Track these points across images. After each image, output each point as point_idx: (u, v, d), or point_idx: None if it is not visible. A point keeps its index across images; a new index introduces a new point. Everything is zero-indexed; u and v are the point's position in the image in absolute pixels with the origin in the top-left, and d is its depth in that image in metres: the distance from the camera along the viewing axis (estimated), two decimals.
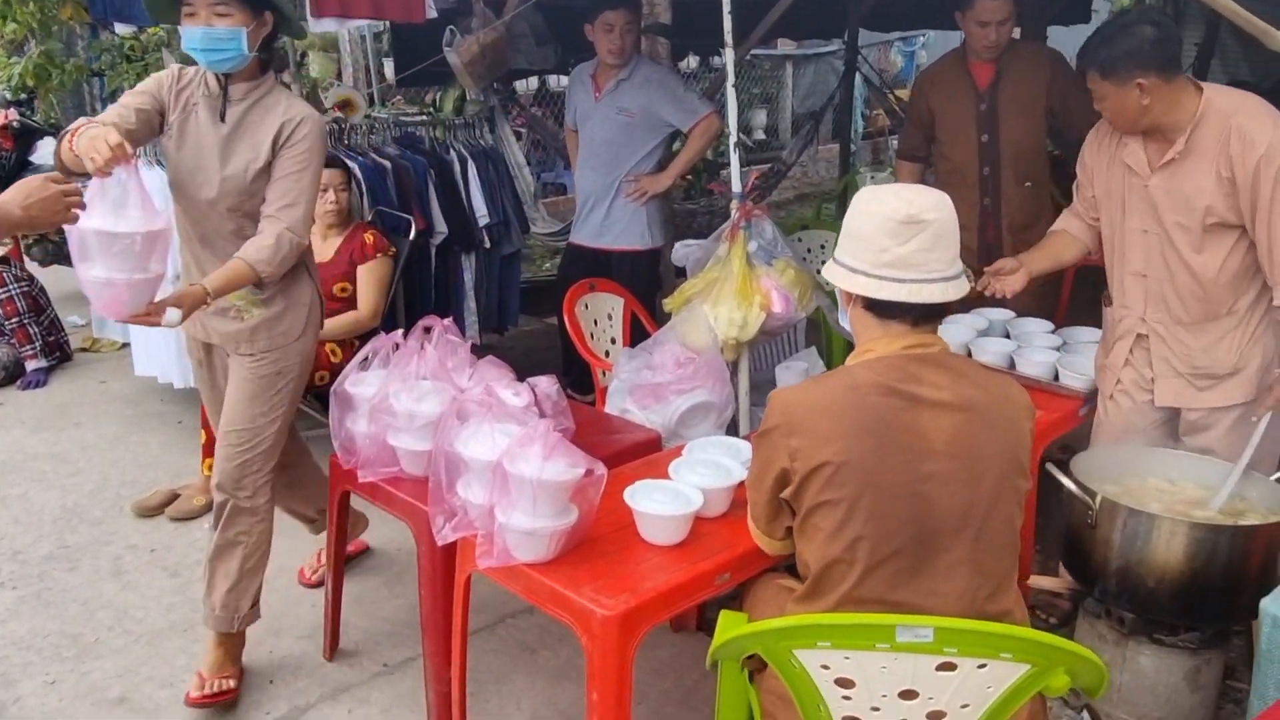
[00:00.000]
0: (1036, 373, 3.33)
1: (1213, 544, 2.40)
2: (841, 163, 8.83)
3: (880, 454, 1.67)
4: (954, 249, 1.76)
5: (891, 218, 1.71)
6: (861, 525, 1.68)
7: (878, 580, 1.69)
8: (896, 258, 1.71)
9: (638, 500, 2.20)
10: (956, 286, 1.75)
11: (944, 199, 1.75)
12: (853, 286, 1.77)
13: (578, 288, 3.85)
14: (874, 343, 1.78)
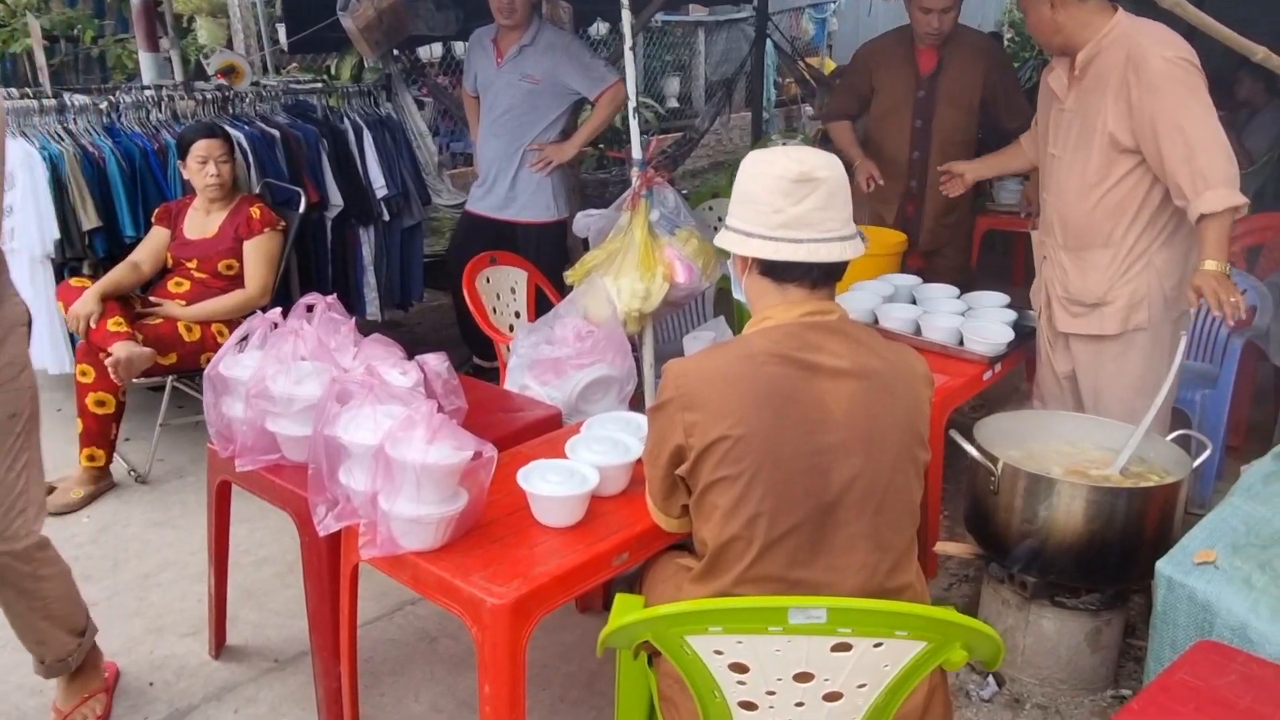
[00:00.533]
0: (941, 338, 3.32)
1: (1111, 506, 2.41)
2: (754, 130, 8.79)
3: (778, 426, 1.61)
4: (848, 208, 1.70)
5: (783, 177, 1.64)
6: (759, 501, 1.62)
7: (776, 558, 1.63)
8: (791, 218, 1.64)
9: (531, 482, 2.10)
10: (854, 246, 1.69)
11: (834, 159, 1.69)
12: (748, 250, 1.70)
13: (478, 261, 3.71)
14: (771, 310, 1.71)
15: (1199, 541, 2.05)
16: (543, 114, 4.24)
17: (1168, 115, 2.57)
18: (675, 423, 1.68)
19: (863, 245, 1.72)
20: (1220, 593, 1.91)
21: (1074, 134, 2.82)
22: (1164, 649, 2.01)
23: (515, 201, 4.30)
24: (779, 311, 1.70)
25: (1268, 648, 1.83)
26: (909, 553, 1.74)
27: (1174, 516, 2.50)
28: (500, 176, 4.27)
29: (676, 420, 1.67)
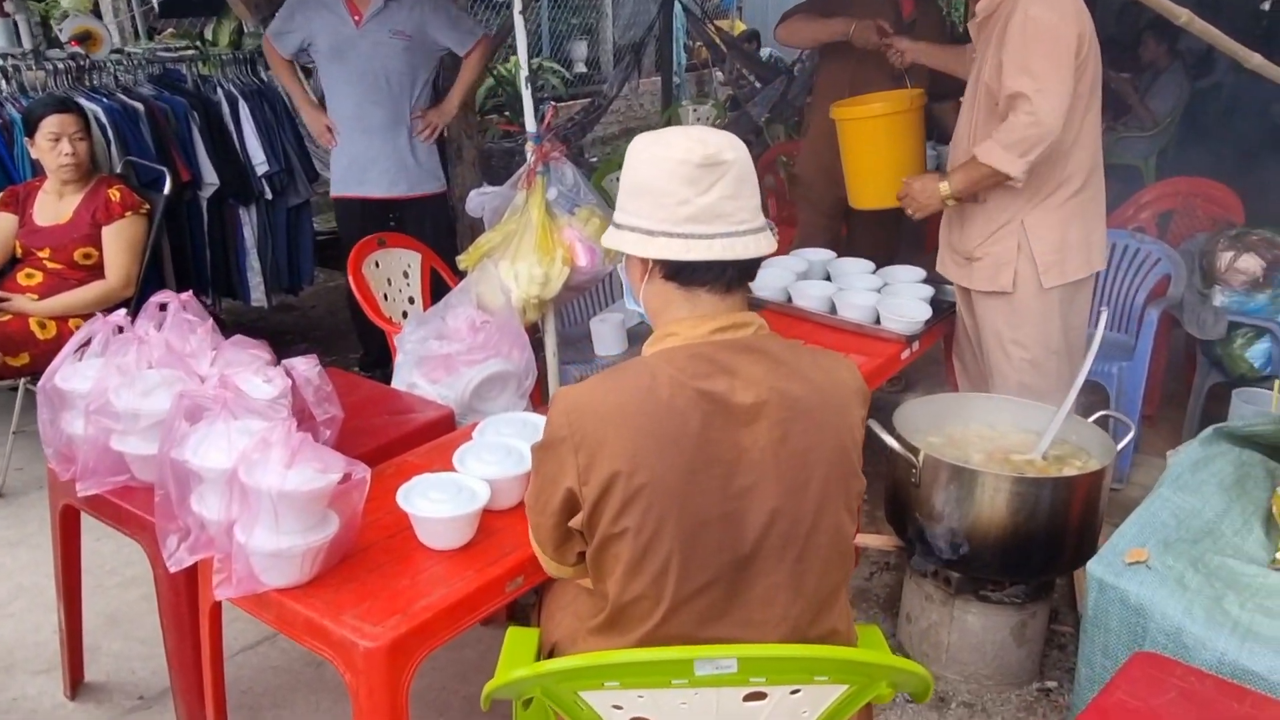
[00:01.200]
0: (857, 317, 3.18)
1: (1035, 497, 2.29)
2: (664, 95, 8.57)
3: (688, 470, 1.38)
4: (757, 195, 1.49)
5: (686, 161, 1.41)
6: (666, 557, 1.40)
7: (685, 617, 1.42)
8: (700, 209, 1.41)
9: (413, 501, 1.89)
10: (768, 239, 1.48)
11: (737, 139, 1.47)
12: (651, 251, 1.45)
13: (365, 244, 3.43)
14: (678, 325, 1.47)
15: (1129, 539, 1.94)
16: (418, 74, 3.90)
17: (1017, 56, 2.55)
18: (567, 466, 1.43)
19: (774, 239, 1.51)
20: (1153, 595, 1.80)
21: (969, 83, 2.85)
22: (1095, 654, 1.90)
23: (408, 175, 3.99)
24: (686, 326, 1.46)
25: (1204, 653, 1.73)
26: (835, 595, 1.54)
27: (1098, 503, 2.40)
28: (385, 150, 3.92)
29: (569, 463, 1.43)
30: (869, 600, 2.93)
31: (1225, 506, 2.02)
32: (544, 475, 1.50)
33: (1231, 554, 1.94)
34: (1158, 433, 3.90)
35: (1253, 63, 2.29)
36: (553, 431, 1.45)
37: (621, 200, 1.51)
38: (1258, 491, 2.10)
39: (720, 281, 1.45)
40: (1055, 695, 2.52)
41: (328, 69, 3.84)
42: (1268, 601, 1.82)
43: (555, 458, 1.45)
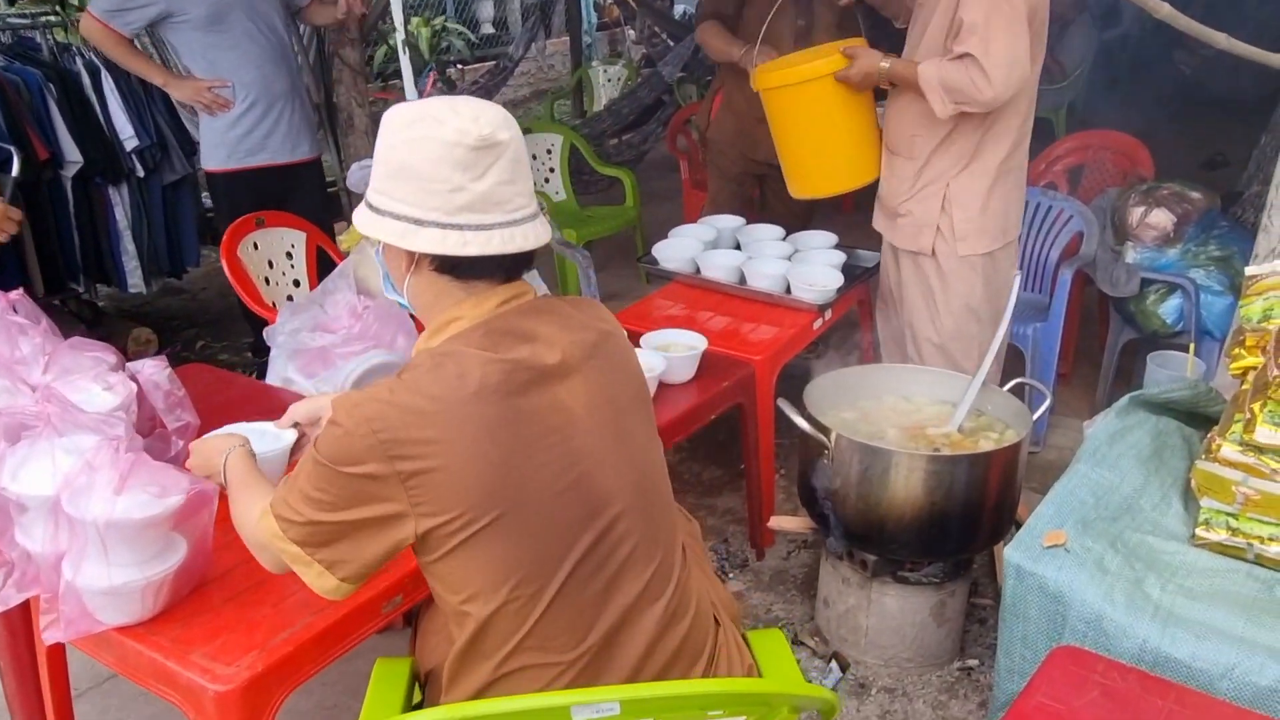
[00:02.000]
0: (766, 286, 3.05)
1: (951, 476, 2.19)
2: (573, 55, 8.33)
3: (526, 451, 1.28)
4: (530, 177, 1.36)
5: (459, 143, 1.25)
6: (517, 560, 1.29)
7: (555, 621, 1.32)
8: (476, 197, 1.27)
9: None
10: (543, 226, 1.36)
11: (507, 115, 1.32)
12: (421, 243, 1.29)
13: (241, 225, 3.17)
14: (456, 308, 1.35)
15: (1046, 519, 1.85)
16: (286, 23, 3.63)
17: (970, 28, 2.43)
18: (382, 480, 1.24)
19: (548, 226, 1.38)
20: (1072, 580, 1.71)
21: (914, 31, 2.72)
22: (1014, 643, 1.81)
23: (302, 139, 3.70)
24: (468, 308, 1.34)
25: (1125, 641, 1.64)
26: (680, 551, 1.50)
27: (1015, 477, 2.32)
28: (287, 112, 3.61)
29: (384, 476, 1.24)
30: (786, 582, 2.82)
31: (1144, 480, 1.94)
32: (338, 490, 1.27)
33: (1151, 530, 1.86)
34: (1073, 391, 3.87)
35: (1162, 13, 2.19)
36: (352, 443, 1.24)
37: (379, 182, 1.32)
38: (1175, 461, 2.03)
39: (499, 273, 1.35)
40: (977, 674, 2.45)
41: (205, 39, 3.42)
42: (1188, 581, 1.74)
43: (360, 479, 1.25)
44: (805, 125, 2.92)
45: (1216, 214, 3.45)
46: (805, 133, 2.94)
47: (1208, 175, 6.68)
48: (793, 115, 2.93)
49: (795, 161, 3.05)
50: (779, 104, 2.93)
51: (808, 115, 2.90)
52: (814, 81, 2.81)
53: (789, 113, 2.93)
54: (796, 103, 2.88)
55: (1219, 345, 3.30)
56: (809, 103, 2.86)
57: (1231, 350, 1.99)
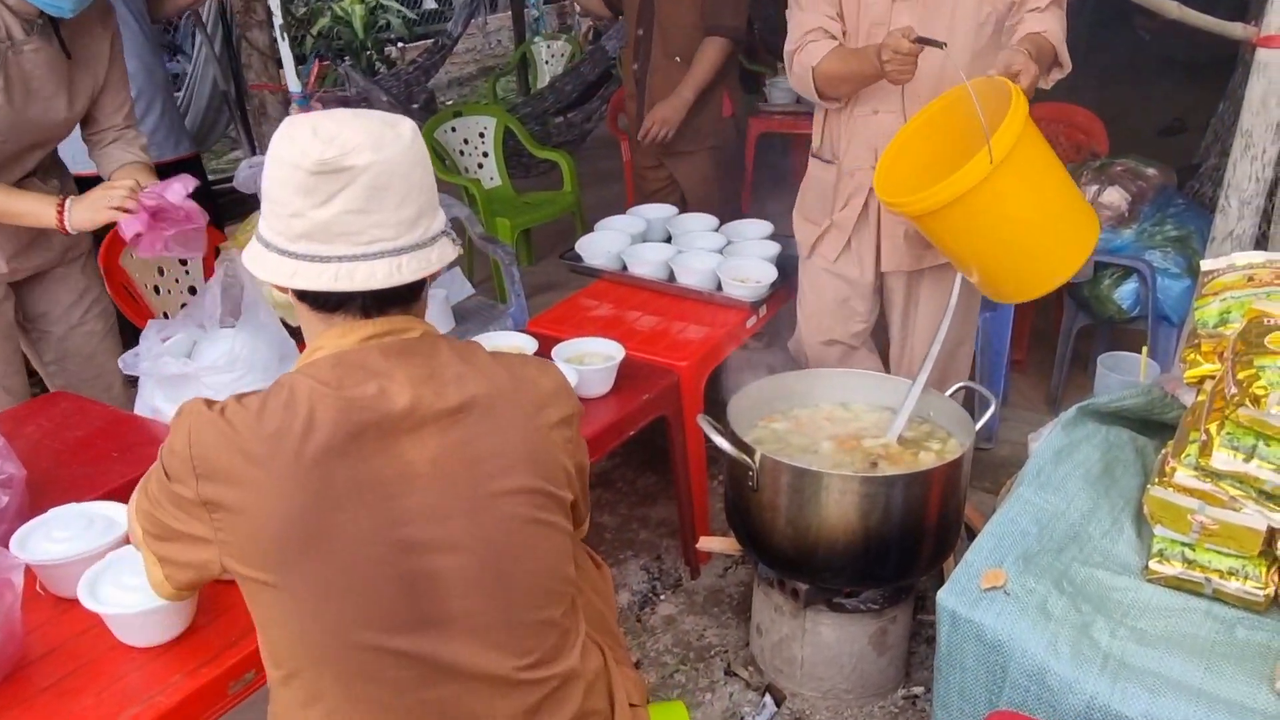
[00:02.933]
0: (696, 283, 2.84)
1: (887, 498, 2.00)
2: (516, 31, 8.03)
3: (337, 501, 1.14)
4: (414, 203, 1.19)
5: (300, 165, 1.14)
6: (316, 616, 1.17)
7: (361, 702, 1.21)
8: (314, 225, 1.15)
9: (100, 591, 1.48)
10: (420, 259, 1.20)
11: (398, 132, 1.18)
12: (265, 271, 1.20)
13: None
14: (320, 338, 1.24)
15: (985, 554, 1.66)
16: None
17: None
18: (188, 482, 1.16)
19: (445, 253, 1.23)
20: (1013, 629, 1.52)
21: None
22: (951, 696, 1.63)
23: (182, 134, 3.43)
24: (330, 339, 1.22)
25: (1071, 698, 1.46)
26: (567, 635, 1.32)
27: (958, 493, 2.14)
28: (167, 105, 3.35)
29: (189, 483, 1.16)
30: (721, 603, 2.63)
31: (1092, 504, 1.76)
32: (167, 494, 1.20)
33: (1100, 562, 1.68)
34: (1028, 379, 3.70)
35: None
36: (173, 461, 1.18)
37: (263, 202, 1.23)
38: (1127, 479, 1.84)
39: (354, 308, 1.20)
40: (923, 702, 2.28)
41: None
42: (1141, 622, 1.56)
43: (174, 494, 1.18)
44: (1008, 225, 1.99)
45: (1173, 191, 3.28)
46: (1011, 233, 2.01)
47: (1166, 141, 6.54)
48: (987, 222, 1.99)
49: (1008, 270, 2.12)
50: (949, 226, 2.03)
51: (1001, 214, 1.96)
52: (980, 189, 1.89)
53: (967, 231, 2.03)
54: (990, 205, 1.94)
55: (1176, 331, 3.13)
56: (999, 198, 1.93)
57: (1186, 355, 1.80)
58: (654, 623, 2.57)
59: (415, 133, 1.19)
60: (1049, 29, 2.17)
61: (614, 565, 2.80)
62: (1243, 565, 1.57)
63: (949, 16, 2.25)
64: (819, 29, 2.32)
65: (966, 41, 2.26)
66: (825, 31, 2.32)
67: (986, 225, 1.97)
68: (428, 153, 1.22)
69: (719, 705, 2.29)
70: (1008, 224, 1.97)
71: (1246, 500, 1.52)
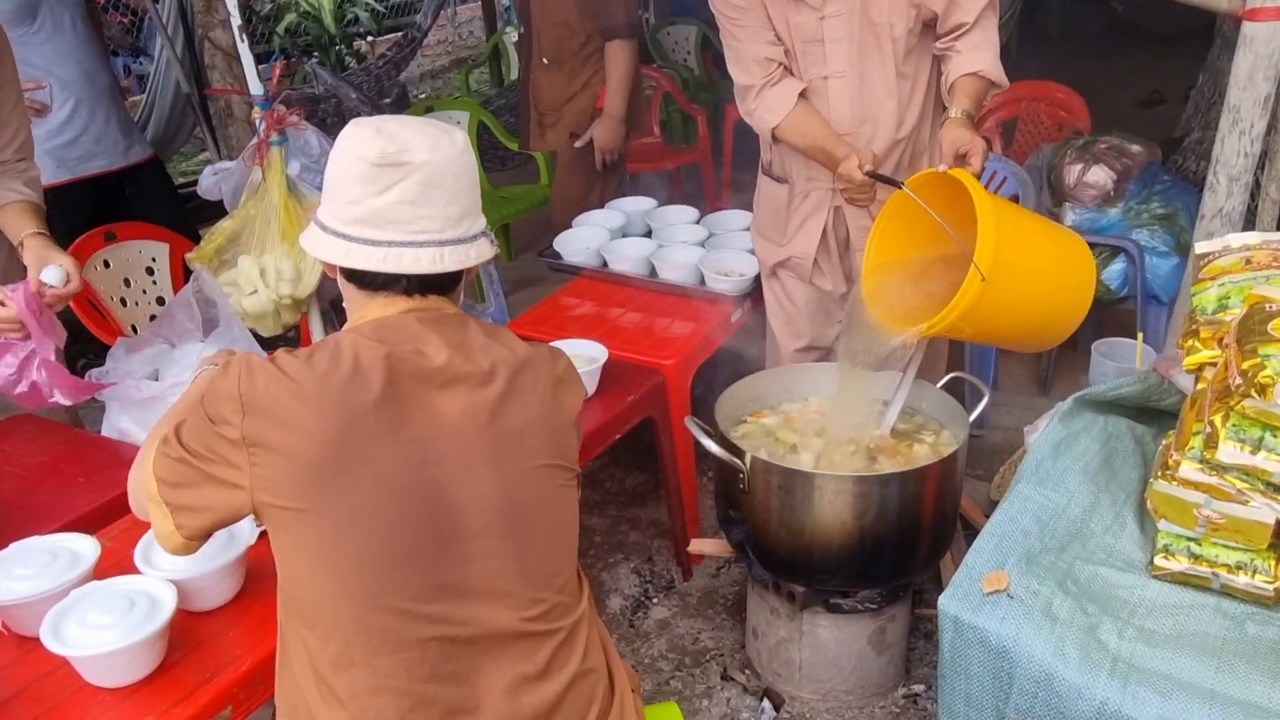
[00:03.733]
0: (678, 278, 2.77)
1: (882, 497, 1.95)
2: (486, 21, 7.90)
3: (375, 437, 1.24)
4: (460, 203, 1.31)
5: (363, 158, 1.27)
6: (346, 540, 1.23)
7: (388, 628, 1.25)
8: (370, 212, 1.28)
9: (64, 633, 1.42)
10: (461, 252, 1.31)
11: (452, 139, 1.31)
12: (321, 251, 1.32)
13: (87, 241, 2.81)
14: (362, 310, 1.35)
15: (986, 555, 1.61)
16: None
17: None
18: (234, 420, 1.23)
19: (482, 251, 1.34)
20: (1018, 633, 1.48)
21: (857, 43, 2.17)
22: (957, 702, 1.58)
23: (133, 138, 3.35)
24: (372, 310, 1.33)
25: (1080, 704, 1.41)
26: (568, 591, 1.38)
27: (954, 488, 2.09)
28: (113, 110, 3.25)
29: (235, 420, 1.23)
30: (715, 604, 2.58)
31: (1093, 498, 1.71)
32: (205, 436, 1.25)
33: (1104, 559, 1.63)
34: (1018, 362, 3.66)
35: None
36: (224, 392, 1.25)
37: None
38: (1127, 471, 1.80)
39: (398, 289, 1.32)
40: (924, 700, 2.23)
41: (14, 33, 2.99)
42: (1149, 622, 1.51)
43: (216, 435, 1.24)
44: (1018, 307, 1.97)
45: (1158, 168, 3.23)
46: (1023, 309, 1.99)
47: (1145, 114, 6.51)
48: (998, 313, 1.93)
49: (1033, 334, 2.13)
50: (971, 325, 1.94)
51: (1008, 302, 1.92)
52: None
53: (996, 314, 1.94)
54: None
55: (1166, 310, 3.10)
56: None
57: (1185, 342, 1.75)
58: (647, 627, 2.52)
59: (467, 143, 1.31)
60: (982, 67, 2.08)
61: (604, 569, 2.74)
62: (1251, 559, 1.53)
63: (874, 36, 2.15)
64: (766, 60, 2.19)
65: (899, 50, 2.18)
66: (775, 63, 2.19)
67: (998, 315, 1.92)
68: (475, 162, 1.33)
69: (716, 711, 2.24)
70: (1018, 307, 1.94)
71: (1254, 493, 1.48)
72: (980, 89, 2.11)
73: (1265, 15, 2.26)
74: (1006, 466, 2.78)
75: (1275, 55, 2.32)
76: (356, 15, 8.12)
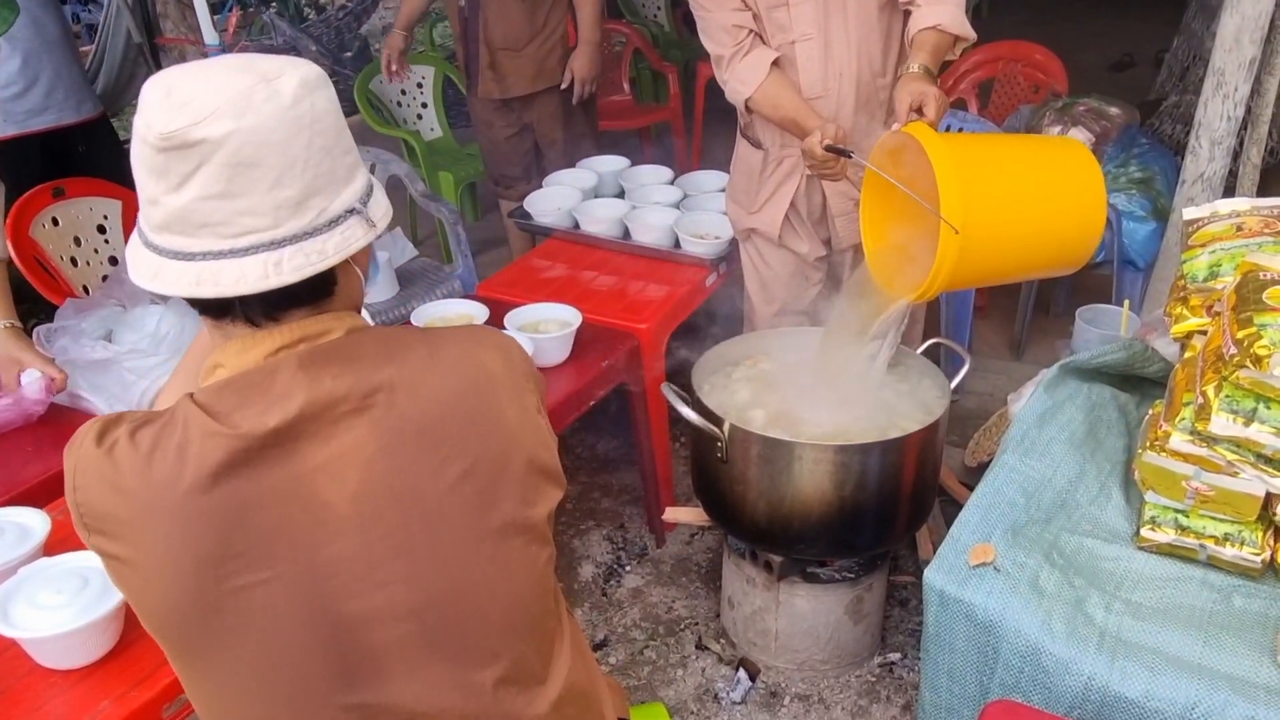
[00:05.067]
0: (652, 240, 2.71)
1: (863, 465, 1.91)
2: None
3: (242, 560, 0.93)
4: (299, 180, 0.92)
5: (145, 139, 0.90)
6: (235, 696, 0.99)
7: None
8: (172, 215, 0.92)
9: (12, 613, 1.34)
10: (309, 250, 0.93)
11: (274, 89, 0.90)
12: (133, 268, 0.97)
13: (33, 198, 2.67)
14: (220, 352, 1.00)
15: (972, 528, 1.58)
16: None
17: None
18: (80, 531, 0.97)
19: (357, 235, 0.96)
20: (1004, 607, 1.45)
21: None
22: (940, 677, 1.55)
23: (85, 93, 3.22)
24: (230, 355, 0.99)
25: (1068, 679, 1.39)
26: (547, 657, 1.10)
27: (935, 457, 2.06)
28: (64, 63, 3.11)
29: (81, 532, 0.97)
30: (690, 572, 2.55)
31: (1079, 468, 1.68)
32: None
33: (1090, 530, 1.61)
34: (991, 325, 3.64)
35: None
36: (66, 494, 0.97)
37: None
38: (1112, 440, 1.77)
39: (239, 316, 0.97)
40: (900, 669, 2.22)
41: None
42: (1135, 595, 1.49)
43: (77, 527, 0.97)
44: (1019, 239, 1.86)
45: (1136, 131, 3.20)
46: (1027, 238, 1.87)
47: (1116, 77, 6.49)
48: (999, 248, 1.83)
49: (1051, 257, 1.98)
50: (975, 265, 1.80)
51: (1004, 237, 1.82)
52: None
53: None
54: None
55: (1142, 275, 3.08)
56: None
57: (1172, 309, 1.72)
58: (620, 596, 2.48)
59: (306, 86, 0.92)
60: (941, 20, 1.99)
61: (576, 536, 2.70)
62: (1238, 530, 1.51)
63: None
64: (736, 27, 2.11)
65: (866, 9, 2.10)
66: (745, 30, 2.11)
67: (999, 254, 1.82)
68: (330, 110, 0.95)
69: (692, 681, 2.22)
70: (1019, 239, 1.82)
71: (1244, 465, 1.45)
72: (941, 43, 2.01)
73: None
74: (981, 432, 2.76)
75: (1263, 18, 2.29)
76: None
